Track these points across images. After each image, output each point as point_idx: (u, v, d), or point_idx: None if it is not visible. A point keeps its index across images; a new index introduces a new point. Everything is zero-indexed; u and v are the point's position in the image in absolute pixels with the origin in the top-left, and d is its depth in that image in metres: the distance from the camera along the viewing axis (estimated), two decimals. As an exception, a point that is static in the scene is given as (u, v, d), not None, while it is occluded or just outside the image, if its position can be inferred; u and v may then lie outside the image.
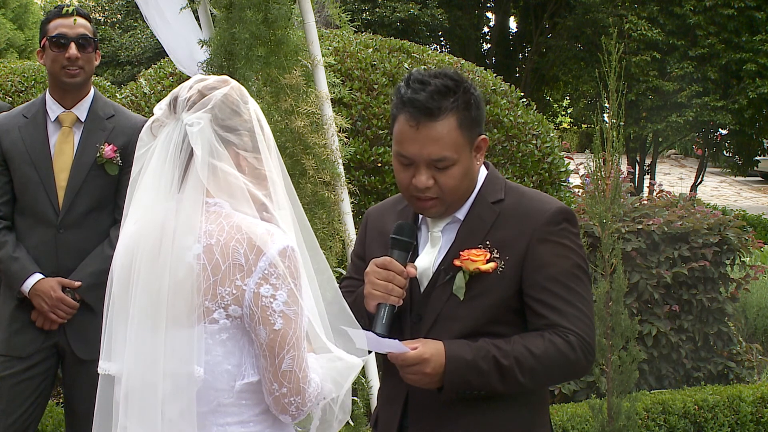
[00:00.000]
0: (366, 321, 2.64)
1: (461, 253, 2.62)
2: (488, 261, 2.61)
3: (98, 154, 4.09)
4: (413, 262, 2.70)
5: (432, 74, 2.64)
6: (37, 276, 4.05)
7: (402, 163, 2.64)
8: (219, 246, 2.33)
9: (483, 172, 2.75)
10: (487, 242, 2.64)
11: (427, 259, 2.70)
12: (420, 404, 2.68)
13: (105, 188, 4.10)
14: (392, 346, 2.54)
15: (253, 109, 2.47)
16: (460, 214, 2.70)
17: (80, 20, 4.14)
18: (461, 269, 2.63)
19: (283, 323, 2.32)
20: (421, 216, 2.76)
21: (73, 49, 4.09)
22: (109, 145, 4.10)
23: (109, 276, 2.47)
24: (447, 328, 2.62)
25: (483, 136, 2.67)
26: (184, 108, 2.40)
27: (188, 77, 2.96)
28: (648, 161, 18.85)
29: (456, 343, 2.58)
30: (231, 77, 4.08)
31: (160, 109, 2.45)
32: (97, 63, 4.21)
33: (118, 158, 4.09)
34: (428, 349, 2.56)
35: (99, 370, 2.46)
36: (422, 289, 2.70)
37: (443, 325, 2.63)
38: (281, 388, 2.34)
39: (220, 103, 2.40)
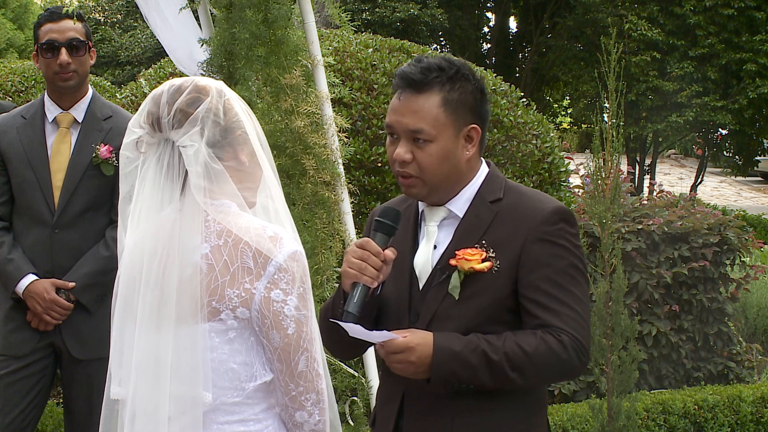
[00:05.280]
0: (344, 302, 2.64)
1: (457, 252, 2.63)
2: (483, 260, 2.61)
3: (94, 155, 4.09)
4: (413, 258, 2.71)
5: (435, 56, 2.69)
6: (31, 277, 4.05)
7: (390, 135, 2.70)
8: (227, 247, 2.35)
9: (484, 171, 2.75)
10: (483, 242, 2.64)
11: (424, 256, 2.71)
12: (416, 404, 2.68)
13: (101, 188, 4.09)
14: (381, 336, 2.55)
15: (236, 101, 2.46)
16: (459, 212, 2.70)
17: (70, 23, 4.11)
18: (457, 269, 2.63)
19: (295, 327, 2.36)
20: (421, 213, 2.77)
21: (64, 55, 4.08)
22: (105, 145, 4.10)
23: (114, 293, 2.47)
24: (443, 327, 2.62)
25: (474, 126, 2.67)
26: (170, 128, 2.39)
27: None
28: (648, 161, 18.85)
29: (446, 335, 2.58)
30: (231, 77, 4.12)
31: (141, 128, 2.42)
32: (92, 62, 4.20)
33: (114, 159, 4.07)
34: (415, 338, 2.56)
35: (112, 396, 2.47)
36: (420, 288, 2.70)
37: (439, 325, 2.63)
38: (298, 387, 2.39)
39: (205, 119, 2.39)
